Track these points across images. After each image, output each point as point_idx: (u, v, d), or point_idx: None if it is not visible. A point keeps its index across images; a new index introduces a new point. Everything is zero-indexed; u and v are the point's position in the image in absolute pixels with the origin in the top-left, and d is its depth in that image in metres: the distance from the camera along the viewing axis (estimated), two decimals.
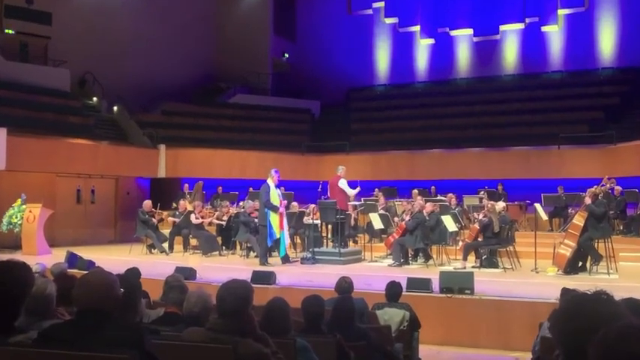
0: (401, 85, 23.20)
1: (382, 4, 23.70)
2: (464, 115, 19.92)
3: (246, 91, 22.81)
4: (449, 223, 11.25)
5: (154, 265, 10.47)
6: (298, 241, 13.07)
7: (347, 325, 4.04)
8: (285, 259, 10.85)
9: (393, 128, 20.32)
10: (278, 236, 10.35)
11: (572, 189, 14.66)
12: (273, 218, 10.30)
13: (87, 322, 2.36)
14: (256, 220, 12.28)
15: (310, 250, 11.26)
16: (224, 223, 12.96)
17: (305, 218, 12.75)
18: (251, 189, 17.15)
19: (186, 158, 17.87)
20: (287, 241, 10.59)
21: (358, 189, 11.85)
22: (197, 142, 18.70)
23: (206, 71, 23.55)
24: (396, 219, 12.50)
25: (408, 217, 11.17)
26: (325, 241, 12.16)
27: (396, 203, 14.33)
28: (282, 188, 10.54)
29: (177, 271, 7.61)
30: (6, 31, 18.18)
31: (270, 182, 10.38)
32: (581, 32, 20.99)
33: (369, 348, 3.97)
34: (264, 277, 8.24)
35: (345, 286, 5.42)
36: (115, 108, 19.32)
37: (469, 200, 14.17)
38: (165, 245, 12.92)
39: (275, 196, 10.33)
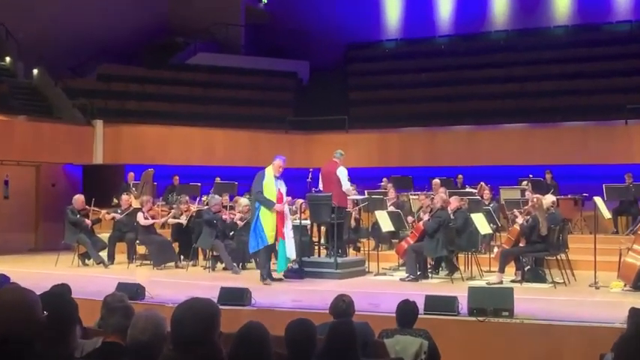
0: (417, 40, 23.24)
1: None
2: (500, 80, 20.02)
3: (211, 49, 22.77)
4: (481, 224, 11.30)
5: (89, 280, 10.42)
6: None
7: (345, 357, 4.05)
8: (293, 274, 10.86)
9: (406, 98, 20.39)
10: (270, 242, 10.27)
11: None
12: (266, 217, 10.19)
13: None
14: (225, 218, 12.30)
15: (297, 259, 11.30)
16: (183, 223, 12.97)
17: (290, 218, 12.79)
18: (218, 179, 17.17)
19: (131, 138, 17.85)
20: (291, 252, 10.49)
21: (353, 188, 11.91)
22: (146, 116, 18.70)
23: (157, 23, 23.45)
24: (410, 218, 12.55)
25: (426, 216, 11.22)
26: (317, 248, 12.19)
27: (411, 197, 14.39)
28: (283, 183, 10.45)
29: (119, 289, 7.61)
30: None
31: (269, 171, 10.41)
32: None
33: None
34: (235, 296, 8.26)
35: (342, 307, 5.43)
36: (35, 72, 19.19)
37: (507, 193, 14.26)
38: (104, 254, 12.91)
39: (271, 188, 10.25)
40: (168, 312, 3.07)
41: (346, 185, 11.43)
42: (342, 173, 11.40)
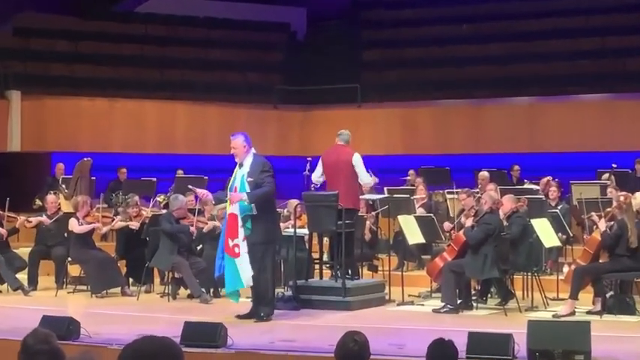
0: None
1: None
2: (573, 34, 19.94)
3: None
4: (545, 233, 11.27)
5: (1, 314, 10.36)
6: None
7: None
8: (285, 304, 10.79)
9: (440, 58, 20.38)
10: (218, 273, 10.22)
11: None
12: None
13: None
14: (191, 228, 12.27)
15: (291, 283, 11.28)
16: (135, 228, 12.95)
17: (281, 225, 12.76)
18: (180, 172, 17.12)
19: (59, 116, 17.86)
20: (245, 270, 10.11)
21: (374, 181, 11.81)
22: (80, 85, 18.70)
23: None
24: (447, 225, 12.51)
25: (469, 222, 11.19)
26: (319, 267, 12.19)
27: (449, 197, 14.34)
28: (246, 171, 10.13)
29: (44, 325, 7.56)
30: None
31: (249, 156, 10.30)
32: None
33: None
34: (204, 334, 8.24)
35: (354, 349, 5.41)
36: None
37: (582, 190, 14.20)
38: (23, 277, 12.89)
39: (233, 179, 10.17)
40: (112, 357, 3.07)
41: (367, 178, 11.43)
42: (360, 162, 11.37)
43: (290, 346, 8.34)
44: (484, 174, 15.04)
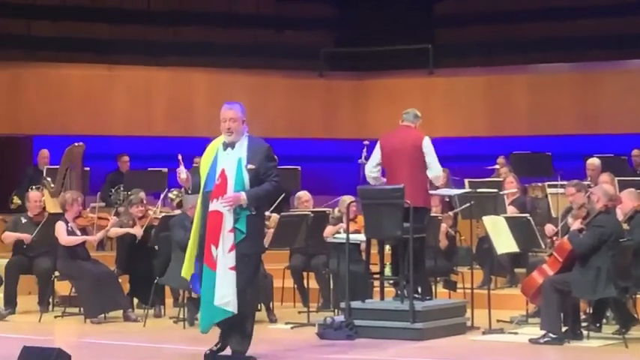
0: None
1: None
2: None
3: None
4: None
5: None
6: (314, 284, 13.21)
7: None
8: (336, 333, 10.83)
9: (536, 11, 20.22)
10: (184, 276, 9.84)
11: None
12: (195, 226, 9.75)
13: None
14: None
15: (343, 305, 11.32)
16: (137, 235, 13.00)
17: (328, 230, 12.88)
18: (198, 160, 17.03)
19: (42, 89, 18.04)
20: (224, 291, 9.57)
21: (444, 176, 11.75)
22: (68, 48, 18.91)
23: None
24: (550, 229, 12.44)
25: (577, 225, 11.12)
26: (379, 284, 12.18)
27: (550, 192, 14.24)
28: (236, 156, 9.80)
29: (24, 358, 7.66)
30: None
31: (222, 137, 9.95)
32: None
33: None
34: None
35: None
36: None
37: None
38: None
39: (205, 164, 9.81)
40: None
41: (439, 170, 11.44)
42: (431, 149, 11.34)
43: None
44: (594, 161, 14.92)
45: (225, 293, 9.14)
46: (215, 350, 9.35)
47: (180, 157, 9.62)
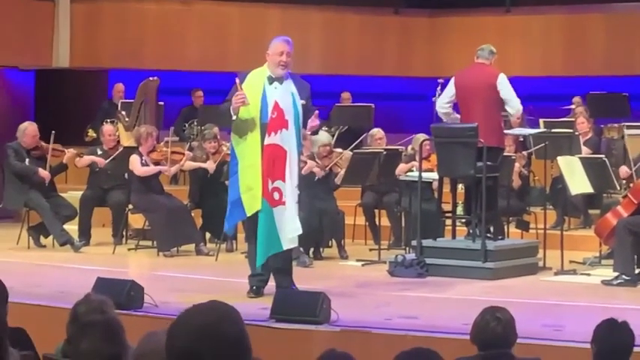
0: None
1: None
2: None
3: None
4: None
5: (46, 274, 10.69)
6: (385, 222, 13.22)
7: None
8: (406, 271, 10.88)
9: None
10: (248, 213, 9.71)
11: None
12: (243, 159, 9.65)
13: None
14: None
15: (414, 243, 11.31)
16: (211, 170, 13.04)
17: (401, 168, 12.83)
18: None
19: (117, 24, 18.07)
20: (292, 224, 9.61)
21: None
22: None
23: None
24: (624, 170, 12.31)
25: None
26: (451, 222, 12.16)
27: (626, 132, 14.09)
28: (290, 91, 9.68)
29: (98, 290, 7.73)
30: None
31: (257, 72, 9.80)
32: None
33: None
34: (302, 307, 8.29)
35: (496, 330, 5.41)
36: None
37: None
38: (72, 228, 13.17)
39: (255, 97, 9.63)
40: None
41: (517, 104, 11.35)
42: (507, 85, 11.25)
43: (412, 324, 8.37)
44: None
45: (297, 226, 9.34)
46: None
47: (237, 80, 9.52)
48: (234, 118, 9.35)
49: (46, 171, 13.09)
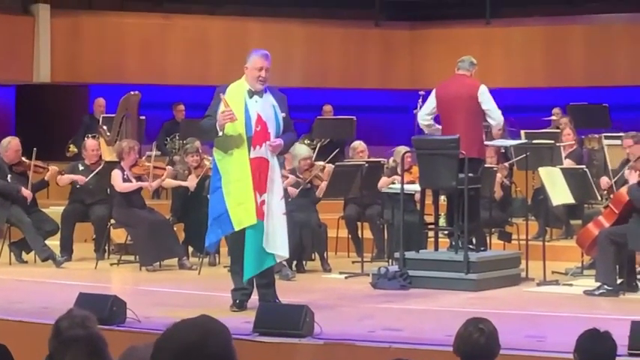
0: None
1: None
2: None
3: None
4: None
5: (28, 290, 10.65)
6: (368, 235, 13.23)
7: None
8: (389, 283, 10.89)
9: None
10: (236, 227, 9.70)
11: None
12: (226, 173, 9.64)
13: None
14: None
15: (397, 256, 11.32)
16: (191, 188, 13.03)
17: (383, 180, 12.82)
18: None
19: (99, 38, 18.08)
20: (278, 244, 9.67)
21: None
22: None
23: None
24: (605, 181, 12.35)
25: (635, 177, 11.01)
26: (433, 234, 12.18)
27: (606, 142, 14.13)
28: (270, 104, 9.68)
29: (80, 305, 7.71)
30: None
31: (237, 84, 9.79)
32: None
33: None
34: (285, 320, 8.29)
35: (479, 341, 5.42)
36: None
37: None
38: (54, 244, 13.13)
39: (238, 108, 9.59)
40: None
41: (498, 117, 11.38)
42: (488, 96, 11.28)
43: (396, 336, 8.33)
44: None
45: (283, 240, 9.34)
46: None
47: (223, 97, 9.41)
48: (220, 134, 9.33)
49: (28, 190, 13.04)
